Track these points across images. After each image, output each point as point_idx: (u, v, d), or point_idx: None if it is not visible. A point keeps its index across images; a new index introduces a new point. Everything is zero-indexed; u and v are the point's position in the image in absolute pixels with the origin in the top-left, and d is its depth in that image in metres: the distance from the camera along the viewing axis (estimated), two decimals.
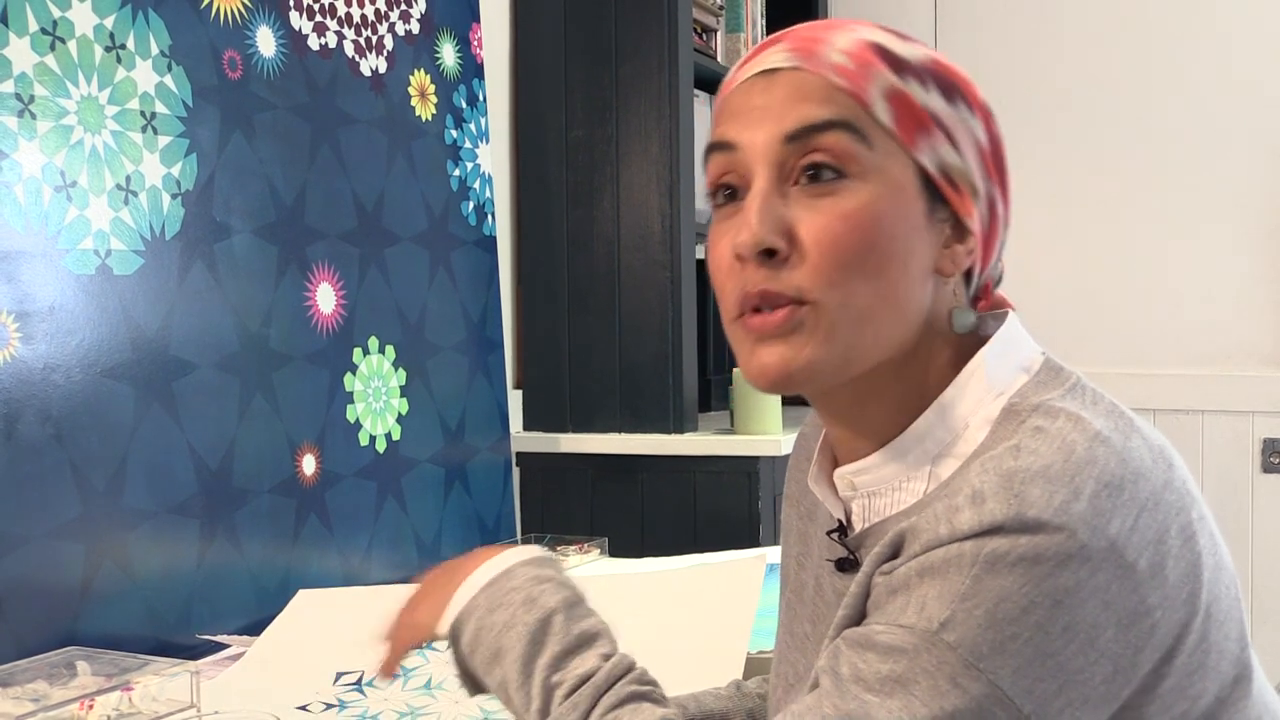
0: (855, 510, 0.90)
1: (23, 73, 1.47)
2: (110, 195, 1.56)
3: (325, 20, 1.92)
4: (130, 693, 1.27)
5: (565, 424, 2.51)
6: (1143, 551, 0.75)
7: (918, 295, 0.84)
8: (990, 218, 0.87)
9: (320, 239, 1.88)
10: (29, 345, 1.45)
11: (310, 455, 1.84)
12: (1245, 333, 3.02)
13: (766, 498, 2.36)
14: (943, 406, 0.85)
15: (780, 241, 0.82)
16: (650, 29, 2.44)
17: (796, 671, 0.96)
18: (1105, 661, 0.75)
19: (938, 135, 0.84)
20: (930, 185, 0.84)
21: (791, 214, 0.83)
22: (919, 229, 0.84)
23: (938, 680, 0.74)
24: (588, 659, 0.88)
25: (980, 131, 0.86)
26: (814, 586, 0.96)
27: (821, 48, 0.84)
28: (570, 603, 0.91)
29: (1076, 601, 0.73)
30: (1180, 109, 3.05)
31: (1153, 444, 0.81)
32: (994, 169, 0.87)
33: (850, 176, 0.82)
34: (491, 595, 0.92)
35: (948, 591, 0.74)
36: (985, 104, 0.87)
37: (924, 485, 0.85)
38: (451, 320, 2.16)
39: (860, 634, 0.79)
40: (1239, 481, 3.00)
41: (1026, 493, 0.74)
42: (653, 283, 2.45)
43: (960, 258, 0.86)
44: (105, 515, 1.52)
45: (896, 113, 0.83)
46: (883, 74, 0.83)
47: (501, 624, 0.90)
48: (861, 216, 0.82)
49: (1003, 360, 0.86)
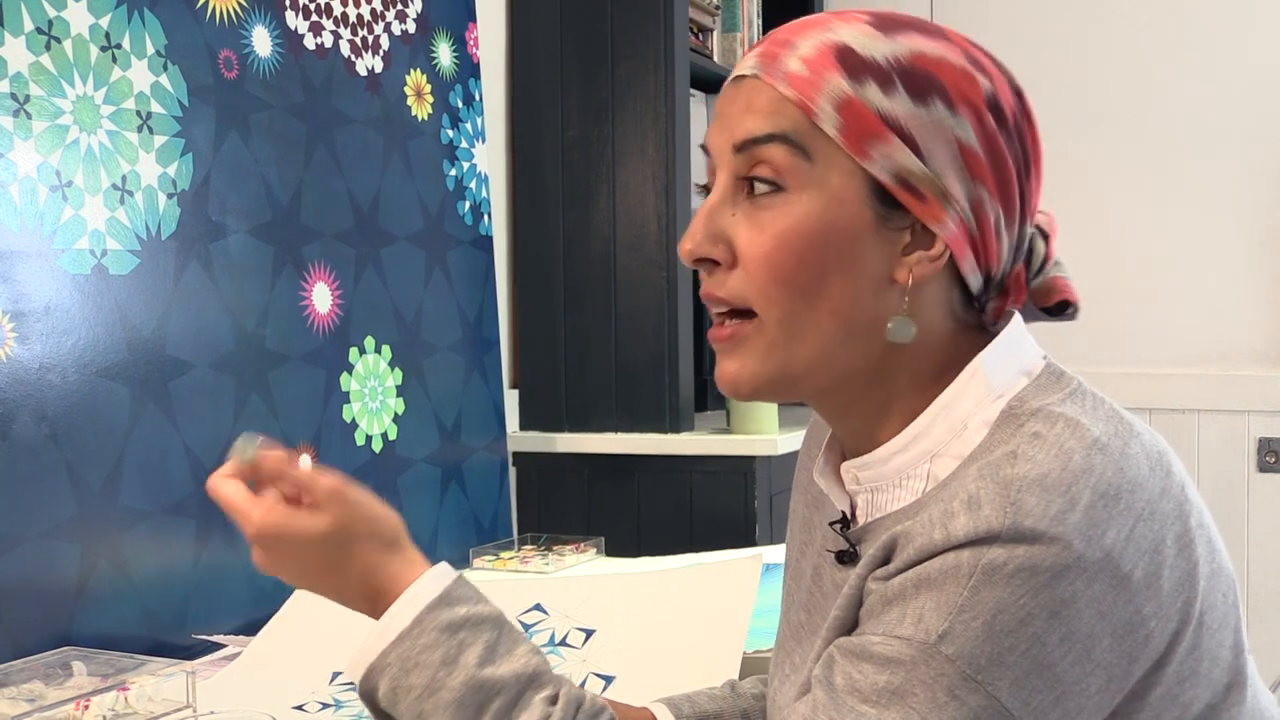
0: (860, 504, 0.90)
1: (18, 72, 1.47)
2: (106, 195, 1.56)
3: (321, 20, 1.92)
4: (126, 693, 1.27)
5: (561, 423, 2.51)
6: (1138, 561, 0.75)
7: (868, 305, 0.83)
8: (978, 218, 0.84)
9: (316, 239, 1.88)
10: (24, 345, 1.45)
11: (306, 455, 1.84)
12: (1241, 332, 3.03)
13: (763, 497, 2.36)
14: (942, 406, 0.85)
15: (716, 252, 0.85)
16: (646, 29, 2.44)
17: (793, 662, 0.95)
18: (1100, 671, 0.75)
19: (894, 142, 0.81)
20: (884, 193, 0.82)
21: (733, 225, 0.84)
22: (866, 240, 0.83)
23: (935, 692, 0.74)
24: (534, 709, 0.84)
25: (964, 130, 0.82)
26: (812, 575, 0.96)
27: (784, 53, 0.84)
28: (490, 649, 0.86)
29: (1073, 612, 0.73)
30: (1175, 108, 3.06)
31: (1151, 451, 0.80)
32: (979, 168, 0.83)
33: (788, 190, 0.83)
34: (404, 654, 0.85)
35: (945, 603, 0.74)
36: (980, 99, 0.83)
37: (922, 484, 0.85)
38: (448, 320, 2.16)
39: (855, 644, 0.78)
40: (1235, 481, 3.01)
41: (1023, 501, 0.74)
42: (649, 282, 2.45)
43: (923, 264, 0.83)
44: (101, 515, 1.52)
45: (845, 122, 0.81)
46: (835, 82, 0.82)
47: (421, 687, 0.84)
48: (793, 232, 0.82)
49: (1004, 362, 0.85)
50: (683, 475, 2.39)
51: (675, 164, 2.43)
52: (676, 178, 2.43)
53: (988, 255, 0.85)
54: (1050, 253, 0.90)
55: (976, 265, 0.85)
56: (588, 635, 1.48)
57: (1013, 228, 0.86)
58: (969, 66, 0.84)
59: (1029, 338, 0.88)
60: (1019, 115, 0.86)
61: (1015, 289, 0.89)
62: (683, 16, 2.48)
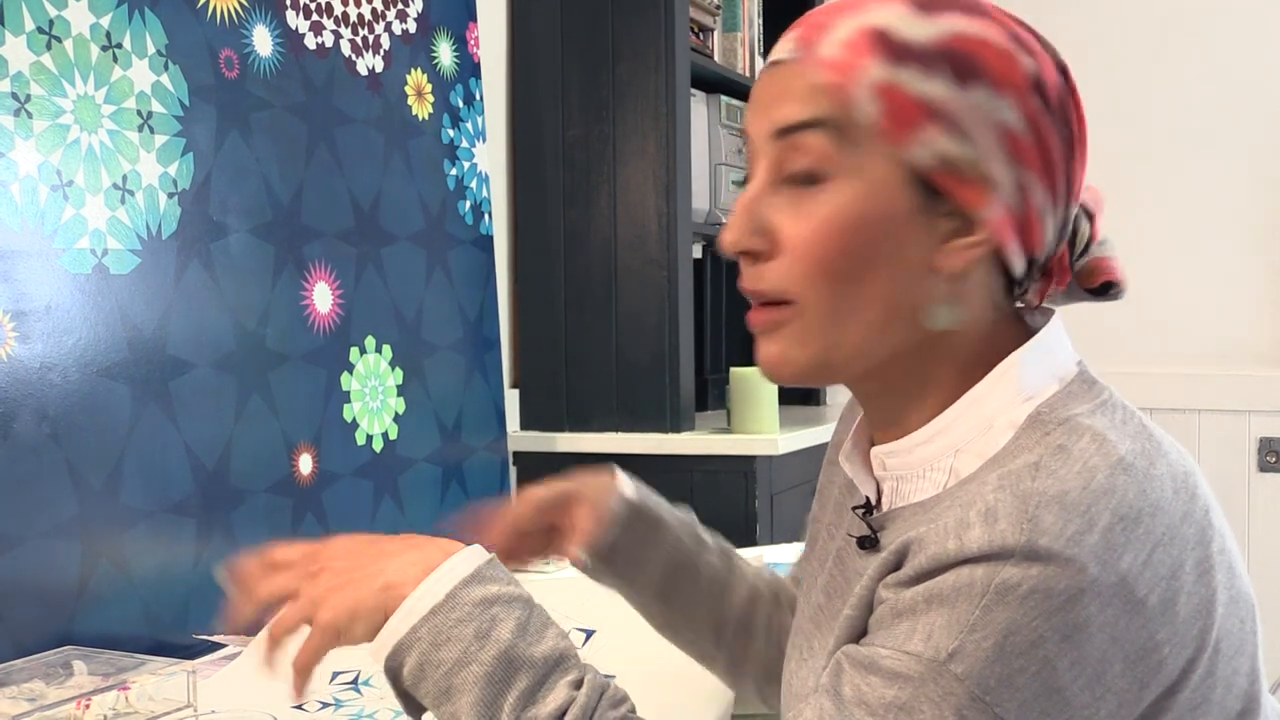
0: (886, 491, 0.89)
1: (19, 72, 1.47)
2: (107, 194, 1.56)
3: (322, 19, 1.92)
4: (127, 692, 1.26)
5: (562, 423, 2.51)
6: (1154, 587, 0.74)
7: (910, 293, 0.82)
8: (1022, 203, 0.82)
9: (317, 238, 1.88)
10: (25, 344, 1.45)
11: (307, 455, 1.84)
12: (1242, 332, 3.03)
13: (764, 497, 2.36)
14: (970, 402, 0.84)
15: (758, 243, 0.83)
16: (647, 28, 2.44)
17: (810, 645, 0.94)
18: (1110, 696, 0.74)
19: (935, 127, 0.80)
20: (926, 180, 0.81)
21: (775, 213, 0.83)
22: (907, 227, 0.81)
23: (943, 710, 0.73)
24: (558, 692, 0.82)
25: (1008, 113, 0.80)
26: (835, 558, 0.95)
27: (820, 37, 0.82)
28: (523, 625, 0.84)
29: (1085, 636, 0.72)
30: (1177, 108, 3.05)
31: (1178, 472, 0.79)
32: (1025, 151, 0.81)
33: (828, 177, 0.81)
34: (435, 628, 0.83)
35: (956, 621, 0.73)
36: (1024, 80, 0.81)
37: (944, 478, 0.84)
38: (448, 319, 2.16)
39: (865, 655, 0.77)
40: (1236, 481, 3.01)
41: (1040, 518, 0.73)
42: (650, 282, 2.45)
43: (965, 252, 0.82)
44: (102, 515, 1.52)
45: (884, 108, 0.80)
46: (874, 66, 0.80)
47: (452, 661, 0.82)
48: (834, 221, 0.81)
49: (1037, 364, 0.84)
50: (683, 475, 2.39)
51: (676, 164, 2.43)
52: (677, 177, 2.43)
53: (1031, 240, 0.83)
54: (1095, 233, 0.88)
55: (1020, 250, 0.83)
56: (588, 635, 1.48)
57: (1057, 210, 0.84)
58: (1011, 47, 0.82)
59: (1066, 341, 0.87)
60: (1064, 94, 0.83)
61: (1059, 271, 0.88)
62: (683, 16, 2.48)
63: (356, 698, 1.38)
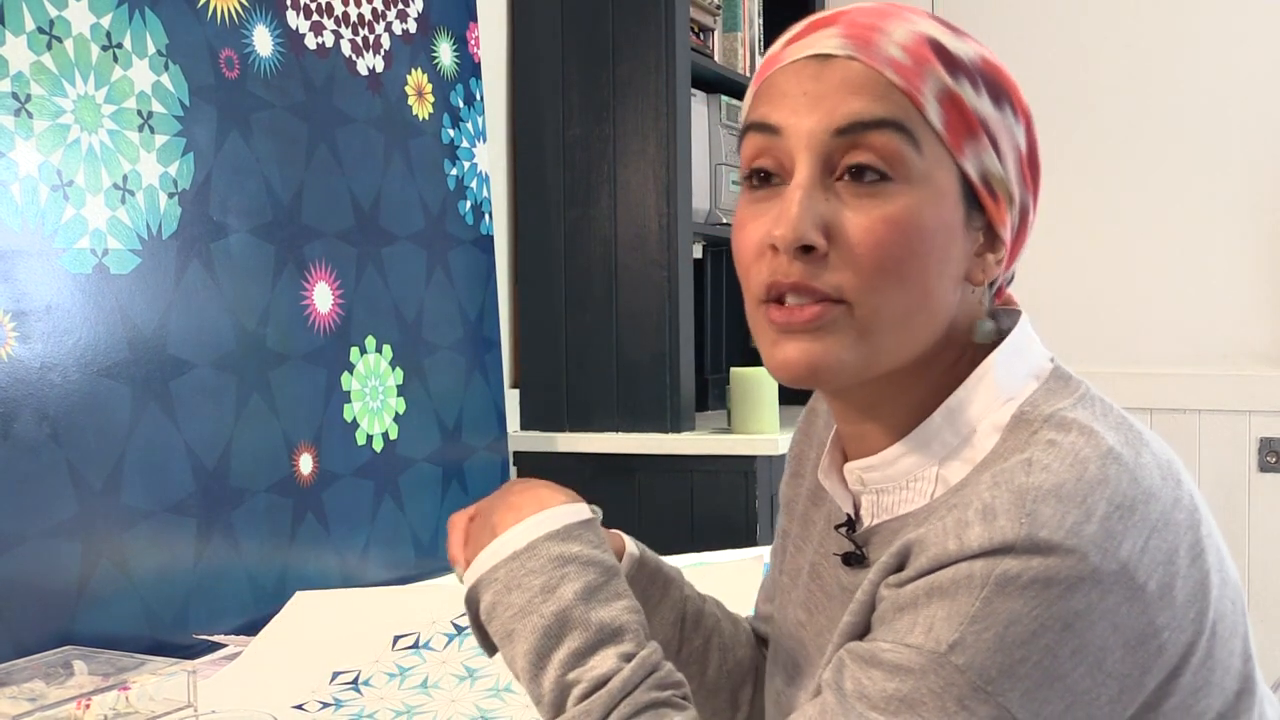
0: (864, 505, 0.89)
1: (19, 72, 1.47)
2: (107, 194, 1.56)
3: (322, 19, 1.92)
4: (127, 692, 1.27)
5: (562, 423, 2.51)
6: (1153, 573, 0.75)
7: (948, 302, 0.83)
8: (1020, 224, 0.86)
9: (317, 238, 1.88)
10: (26, 344, 1.45)
11: (307, 454, 1.84)
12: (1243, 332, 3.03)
13: (764, 497, 2.36)
14: (951, 409, 0.84)
15: (819, 238, 0.80)
16: (647, 28, 2.44)
17: (794, 661, 0.95)
18: (1112, 682, 0.74)
19: (983, 141, 0.82)
20: (970, 193, 0.83)
21: (833, 211, 0.81)
22: (955, 237, 0.82)
23: (945, 702, 0.73)
24: (606, 658, 0.83)
25: (1021, 137, 0.85)
26: (809, 573, 0.95)
27: (878, 38, 0.82)
28: (591, 589, 0.85)
29: (1086, 624, 0.73)
30: (1177, 108, 3.05)
31: (1161, 460, 0.80)
32: (1030, 175, 0.86)
33: (896, 179, 0.80)
34: (510, 572, 0.87)
35: (957, 613, 0.74)
36: (1027, 107, 0.86)
37: (931, 487, 0.84)
38: (449, 319, 2.16)
39: (866, 650, 0.78)
40: (1236, 481, 3.01)
41: (1039, 512, 0.73)
42: (650, 282, 2.45)
43: (990, 266, 0.85)
44: (102, 514, 1.52)
45: (948, 116, 0.81)
46: (938, 73, 0.81)
47: (518, 607, 0.85)
48: (905, 223, 0.80)
49: (1013, 365, 0.85)
50: (684, 475, 2.39)
51: (676, 164, 2.43)
52: (677, 177, 2.43)
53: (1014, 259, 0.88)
54: None
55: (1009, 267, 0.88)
56: None
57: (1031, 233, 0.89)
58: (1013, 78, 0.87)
59: (1036, 339, 0.88)
60: None
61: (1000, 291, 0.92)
62: (683, 16, 2.48)
63: (357, 698, 1.38)
